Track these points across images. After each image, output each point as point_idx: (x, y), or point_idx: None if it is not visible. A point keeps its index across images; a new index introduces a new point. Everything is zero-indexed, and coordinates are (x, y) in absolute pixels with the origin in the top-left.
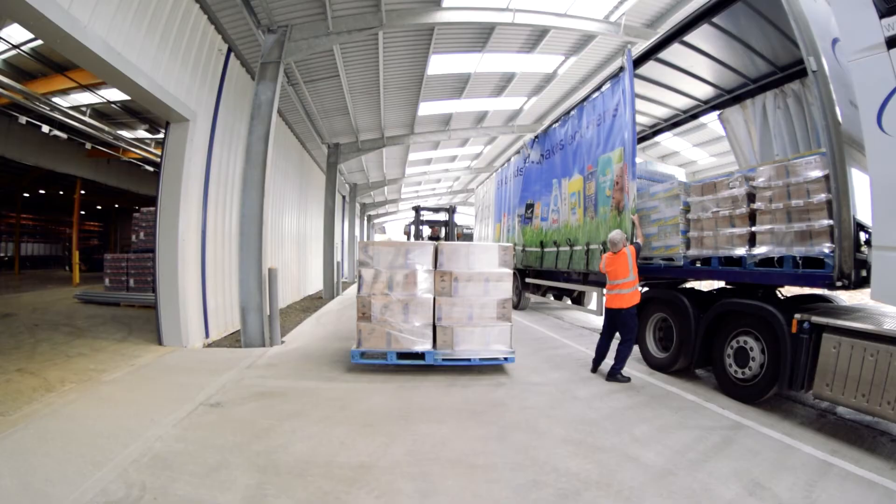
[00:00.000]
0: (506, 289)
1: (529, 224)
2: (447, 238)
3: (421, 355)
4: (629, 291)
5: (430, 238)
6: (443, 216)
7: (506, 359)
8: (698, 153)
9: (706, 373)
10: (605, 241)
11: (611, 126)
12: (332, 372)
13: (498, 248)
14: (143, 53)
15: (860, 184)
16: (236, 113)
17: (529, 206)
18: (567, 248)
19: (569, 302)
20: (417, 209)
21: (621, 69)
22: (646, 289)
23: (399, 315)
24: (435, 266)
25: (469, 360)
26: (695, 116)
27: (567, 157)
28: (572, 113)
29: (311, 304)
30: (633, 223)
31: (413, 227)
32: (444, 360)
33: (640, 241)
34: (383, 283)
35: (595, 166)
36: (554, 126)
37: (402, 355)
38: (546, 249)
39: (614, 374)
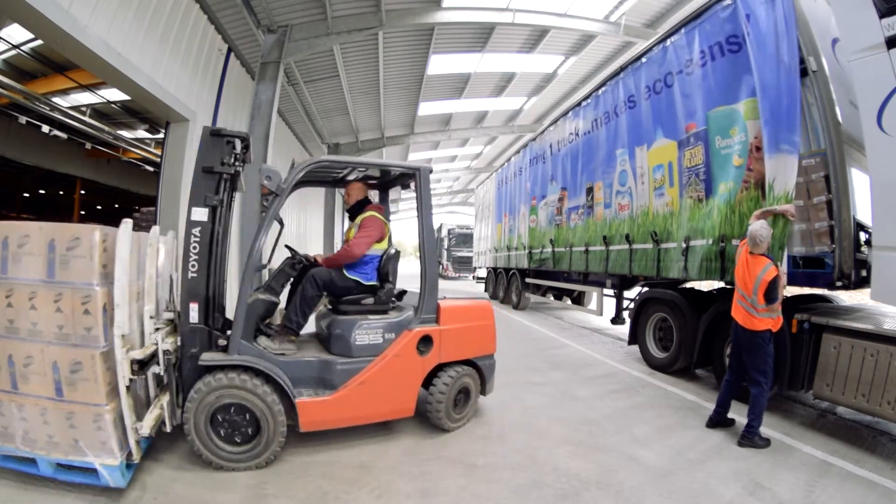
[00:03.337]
0: None
1: (591, 215)
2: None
3: None
4: (759, 316)
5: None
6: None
7: None
8: None
9: (706, 373)
10: (720, 235)
11: (736, 64)
12: None
13: None
14: (143, 53)
15: (860, 184)
16: (236, 113)
17: (589, 191)
18: (651, 247)
19: (569, 302)
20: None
21: None
22: (646, 289)
23: None
24: None
25: None
26: None
27: (643, 117)
28: (651, 54)
29: None
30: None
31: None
32: None
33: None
34: None
35: (702, 124)
36: (618, 78)
37: None
38: (611, 248)
39: (750, 435)
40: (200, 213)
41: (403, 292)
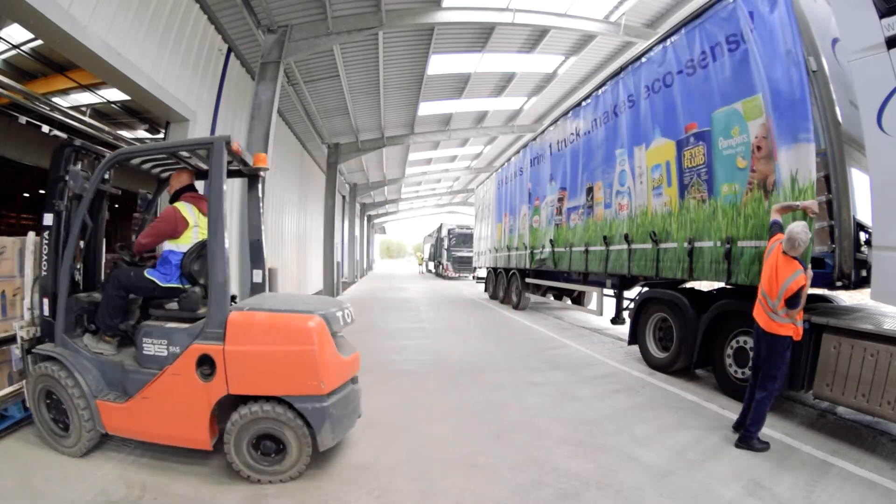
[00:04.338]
0: None
1: (591, 215)
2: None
3: None
4: (779, 321)
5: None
6: None
7: None
8: None
9: (706, 373)
10: (724, 237)
11: (737, 63)
12: None
13: None
14: (143, 53)
15: (860, 184)
16: (236, 112)
17: (589, 191)
18: (650, 247)
19: (569, 302)
20: (65, 142)
21: None
22: (646, 289)
23: None
24: None
25: None
26: None
27: (642, 117)
28: (651, 54)
29: None
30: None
31: None
32: None
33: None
34: None
35: (704, 125)
36: (618, 78)
37: None
38: (611, 248)
39: (748, 438)
40: (48, 219)
41: (233, 297)
